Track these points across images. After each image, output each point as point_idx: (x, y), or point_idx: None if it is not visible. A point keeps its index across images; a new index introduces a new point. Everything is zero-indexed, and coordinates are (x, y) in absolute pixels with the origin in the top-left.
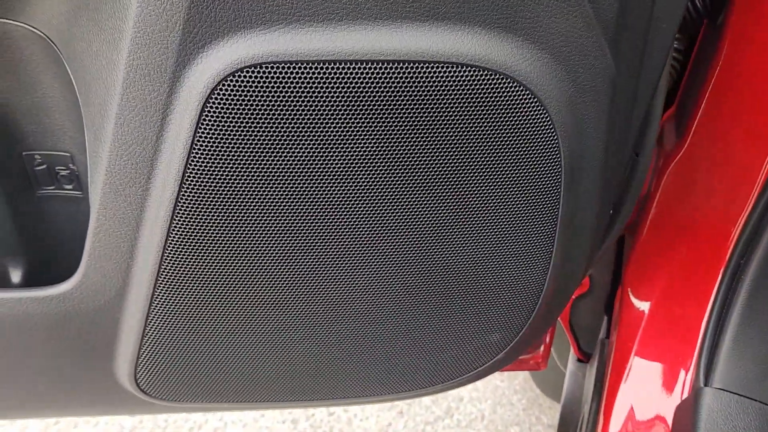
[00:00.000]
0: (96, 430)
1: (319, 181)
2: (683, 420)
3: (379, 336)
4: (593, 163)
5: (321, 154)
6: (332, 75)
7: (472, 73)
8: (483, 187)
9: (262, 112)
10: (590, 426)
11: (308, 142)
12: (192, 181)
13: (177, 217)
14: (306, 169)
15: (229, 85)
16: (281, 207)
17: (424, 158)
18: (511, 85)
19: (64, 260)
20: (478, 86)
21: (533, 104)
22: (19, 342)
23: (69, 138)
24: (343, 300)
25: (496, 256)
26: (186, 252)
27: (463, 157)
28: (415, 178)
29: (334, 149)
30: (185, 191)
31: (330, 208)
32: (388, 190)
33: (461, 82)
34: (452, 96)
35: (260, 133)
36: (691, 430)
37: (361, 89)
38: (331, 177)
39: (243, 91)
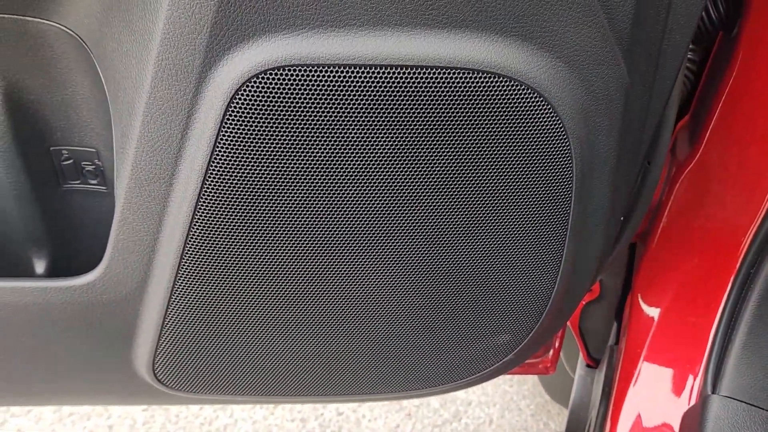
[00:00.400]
0: (109, 422)
1: (336, 180)
2: (690, 427)
3: (393, 334)
4: (605, 170)
5: (340, 154)
6: (353, 79)
7: (488, 79)
8: (496, 191)
9: (285, 112)
10: (597, 431)
11: (328, 142)
12: (215, 177)
13: (199, 212)
14: (325, 168)
15: (253, 86)
16: (300, 205)
17: (440, 161)
18: (525, 92)
19: (86, 253)
20: (493, 92)
21: (547, 111)
22: (41, 330)
23: (96, 134)
24: (358, 298)
25: (508, 259)
26: (206, 247)
27: (477, 160)
28: (431, 179)
29: (352, 150)
30: (208, 188)
31: (346, 209)
32: (404, 189)
33: (477, 88)
34: (468, 101)
35: (282, 133)
36: None
37: (380, 93)
38: (349, 176)
39: (266, 92)
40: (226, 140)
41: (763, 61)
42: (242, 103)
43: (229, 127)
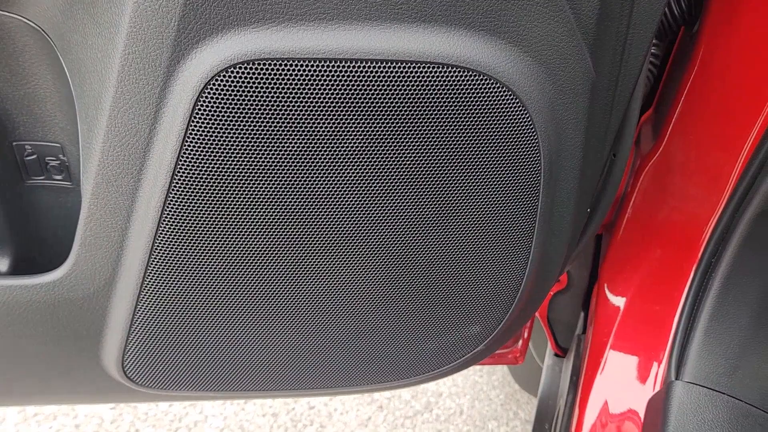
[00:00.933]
0: (75, 421)
1: (307, 173)
2: (655, 412)
3: (362, 326)
4: (571, 162)
5: (309, 147)
6: (322, 73)
7: (456, 73)
8: (465, 184)
9: (254, 107)
10: (566, 418)
11: (297, 135)
12: (183, 172)
13: (168, 207)
14: (295, 162)
15: (221, 81)
16: (269, 198)
17: (409, 154)
18: (493, 85)
19: (52, 250)
20: (462, 86)
21: (515, 104)
22: (5, 330)
23: (60, 129)
24: (327, 291)
25: (477, 250)
26: (176, 241)
27: (445, 153)
28: (400, 172)
29: (322, 143)
30: (177, 182)
31: (316, 201)
32: (374, 183)
33: (446, 82)
34: (437, 95)
35: (252, 128)
36: (662, 422)
37: (349, 87)
38: (319, 170)
39: (235, 86)
40: (195, 135)
41: (722, 56)
42: (211, 98)
43: (197, 122)
